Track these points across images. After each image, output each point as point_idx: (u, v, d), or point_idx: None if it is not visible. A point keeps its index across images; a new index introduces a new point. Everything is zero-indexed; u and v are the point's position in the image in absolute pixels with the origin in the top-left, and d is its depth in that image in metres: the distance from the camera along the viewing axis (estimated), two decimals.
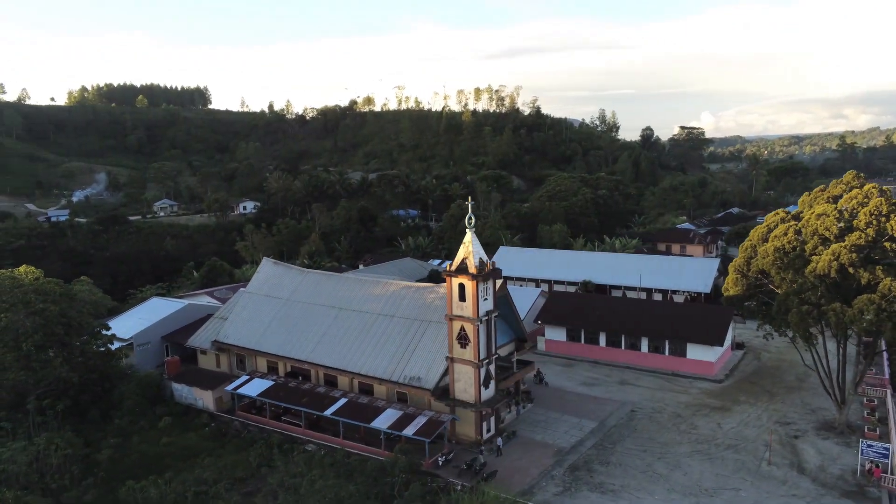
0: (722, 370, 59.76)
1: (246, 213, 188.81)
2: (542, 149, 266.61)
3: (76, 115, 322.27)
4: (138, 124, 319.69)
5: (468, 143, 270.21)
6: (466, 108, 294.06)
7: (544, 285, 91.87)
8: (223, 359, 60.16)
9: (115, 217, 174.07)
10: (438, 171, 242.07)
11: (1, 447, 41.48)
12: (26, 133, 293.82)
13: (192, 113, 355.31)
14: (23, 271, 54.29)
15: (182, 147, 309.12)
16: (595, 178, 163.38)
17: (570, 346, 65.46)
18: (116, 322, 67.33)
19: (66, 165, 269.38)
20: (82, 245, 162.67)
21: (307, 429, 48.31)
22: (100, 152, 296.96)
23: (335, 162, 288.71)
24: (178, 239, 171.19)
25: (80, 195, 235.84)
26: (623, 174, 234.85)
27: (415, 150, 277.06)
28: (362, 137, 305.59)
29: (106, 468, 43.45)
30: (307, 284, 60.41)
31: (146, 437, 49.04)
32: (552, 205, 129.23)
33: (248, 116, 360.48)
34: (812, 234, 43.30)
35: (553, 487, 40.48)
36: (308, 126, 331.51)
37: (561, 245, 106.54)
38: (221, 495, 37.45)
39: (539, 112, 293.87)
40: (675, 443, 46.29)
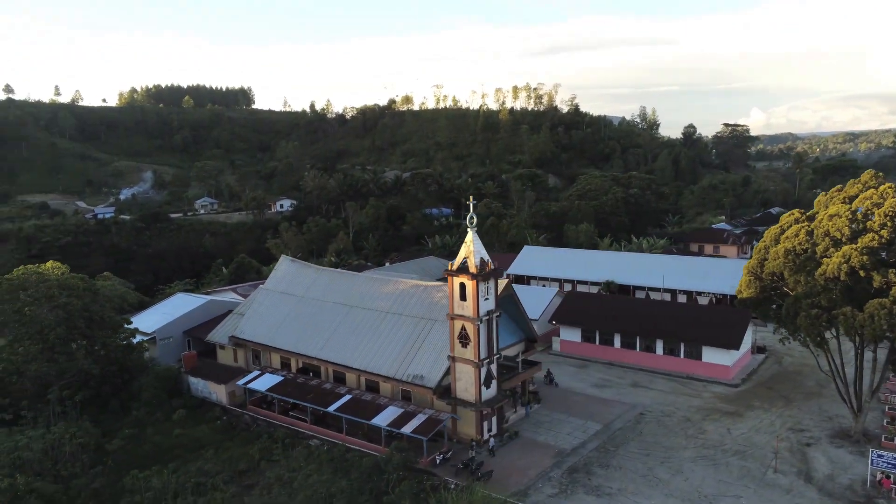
0: (739, 374, 58.33)
1: (283, 211, 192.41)
2: (579, 147, 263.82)
3: (126, 115, 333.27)
4: (184, 124, 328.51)
5: (505, 142, 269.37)
6: (504, 107, 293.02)
7: (568, 285, 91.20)
8: (240, 354, 61.63)
9: (157, 214, 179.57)
10: (474, 169, 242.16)
11: (19, 434, 43.39)
12: (79, 133, 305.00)
13: (236, 113, 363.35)
14: (49, 267, 56.56)
15: (225, 146, 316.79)
16: (627, 177, 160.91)
17: (584, 348, 64.83)
18: (142, 316, 69.85)
19: (115, 164, 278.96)
20: (125, 242, 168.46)
21: (312, 424, 49.16)
22: (147, 152, 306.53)
23: (373, 160, 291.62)
24: (217, 236, 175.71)
25: (127, 193, 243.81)
26: (662, 172, 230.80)
27: (452, 148, 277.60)
28: (400, 136, 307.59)
29: (118, 458, 45.01)
30: (321, 282, 61.35)
31: (160, 428, 50.61)
32: (581, 204, 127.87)
33: (289, 116, 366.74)
34: (823, 236, 41.92)
35: (549, 489, 40.27)
36: (347, 125, 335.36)
37: (587, 245, 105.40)
38: (220, 487, 38.44)
39: (577, 110, 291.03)
40: (681, 447, 45.44)
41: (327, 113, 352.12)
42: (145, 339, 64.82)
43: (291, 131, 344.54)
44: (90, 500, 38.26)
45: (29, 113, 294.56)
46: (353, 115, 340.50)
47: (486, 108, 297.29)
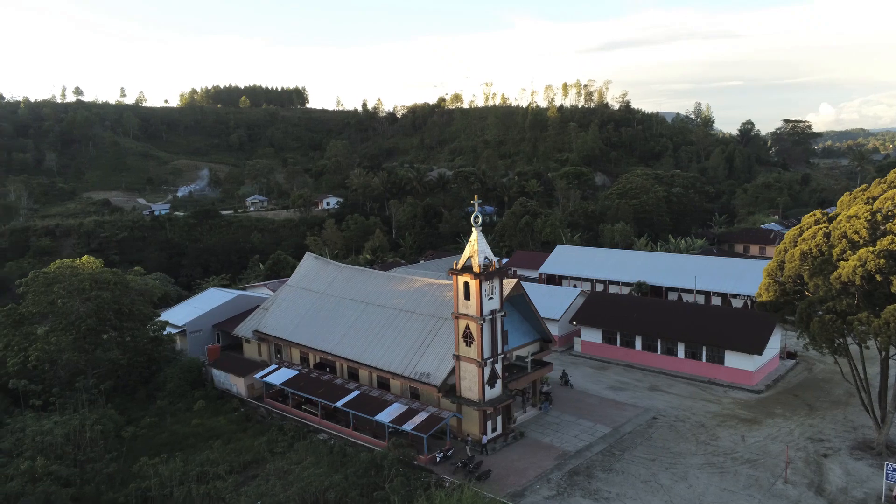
0: (764, 380, 56.36)
1: (329, 208, 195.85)
2: (629, 144, 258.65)
3: (186, 115, 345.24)
4: (240, 123, 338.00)
5: (553, 140, 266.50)
6: (553, 104, 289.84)
7: (600, 285, 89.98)
8: (263, 348, 63.35)
9: (209, 211, 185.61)
10: (521, 167, 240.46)
11: (46, 420, 45.84)
12: (142, 133, 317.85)
13: (290, 112, 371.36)
14: (84, 261, 59.38)
15: (279, 145, 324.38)
16: (670, 176, 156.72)
17: (605, 349, 63.86)
18: (175, 310, 72.65)
19: (174, 163, 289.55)
20: (178, 237, 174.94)
21: (323, 419, 50.15)
22: (205, 150, 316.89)
23: (422, 159, 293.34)
24: (264, 233, 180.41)
25: (184, 191, 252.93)
26: (715, 170, 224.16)
27: (499, 146, 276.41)
28: (449, 134, 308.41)
29: (135, 445, 47.02)
30: (341, 279, 62.43)
31: (180, 417, 52.58)
32: (621, 203, 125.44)
33: (341, 115, 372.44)
34: (840, 238, 40.11)
35: (546, 490, 39.95)
36: (397, 124, 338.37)
37: (623, 244, 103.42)
38: (221, 476, 39.72)
39: (629, 106, 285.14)
40: (689, 453, 44.31)
41: (378, 112, 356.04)
42: (176, 332, 67.62)
43: (343, 130, 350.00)
44: (102, 485, 40.12)
45: (96, 114, 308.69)
46: (403, 113, 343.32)
47: (534, 106, 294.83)
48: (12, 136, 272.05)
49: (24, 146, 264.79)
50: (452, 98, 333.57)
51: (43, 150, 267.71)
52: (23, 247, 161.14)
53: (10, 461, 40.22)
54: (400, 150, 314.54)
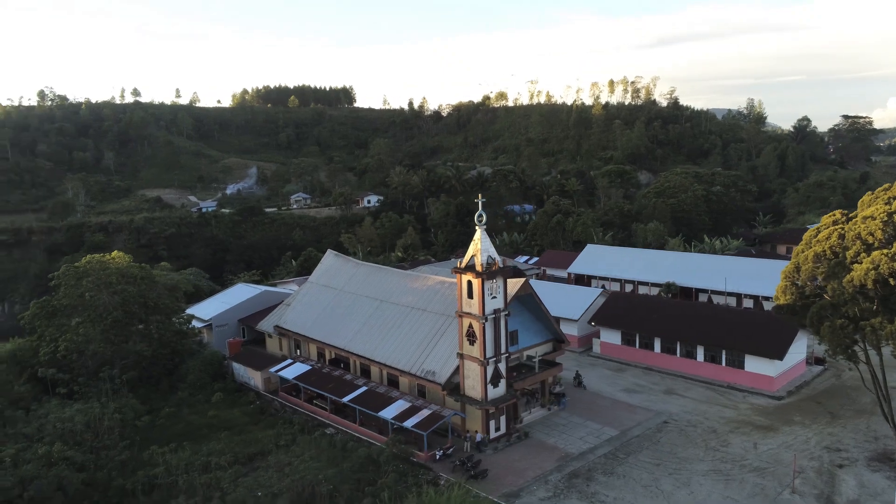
0: (786, 386, 54.45)
1: (369, 206, 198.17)
2: (676, 142, 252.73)
3: (237, 115, 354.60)
4: (289, 123, 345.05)
5: (597, 138, 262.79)
6: (598, 101, 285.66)
7: (629, 286, 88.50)
8: (284, 343, 64.68)
9: (253, 209, 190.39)
10: (564, 166, 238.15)
11: (68, 408, 48.01)
12: (195, 132, 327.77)
13: (337, 111, 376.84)
14: (115, 256, 61.80)
15: (325, 144, 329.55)
16: (710, 174, 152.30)
17: (624, 351, 62.80)
18: (203, 305, 74.89)
19: (225, 161, 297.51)
20: (223, 233, 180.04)
21: (332, 413, 50.95)
22: (255, 149, 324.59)
23: (465, 157, 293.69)
24: (306, 230, 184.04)
25: (233, 189, 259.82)
26: (766, 168, 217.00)
27: (543, 144, 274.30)
28: (492, 133, 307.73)
29: (152, 434, 48.72)
30: (358, 276, 63.19)
31: (198, 409, 54.16)
32: (658, 202, 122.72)
33: (387, 114, 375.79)
34: (854, 239, 38.43)
35: (542, 492, 39.64)
36: (442, 122, 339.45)
37: (655, 244, 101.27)
38: (223, 466, 40.86)
39: (676, 103, 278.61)
40: (696, 459, 43.23)
41: (424, 110, 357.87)
42: (203, 326, 69.74)
43: (388, 128, 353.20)
44: (114, 471, 41.77)
45: (152, 114, 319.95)
46: (448, 112, 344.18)
47: (579, 104, 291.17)
48: (74, 136, 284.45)
49: (84, 145, 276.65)
50: (497, 96, 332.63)
51: (102, 149, 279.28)
52: (78, 242, 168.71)
53: (30, 446, 42.23)
54: (444, 149, 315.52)
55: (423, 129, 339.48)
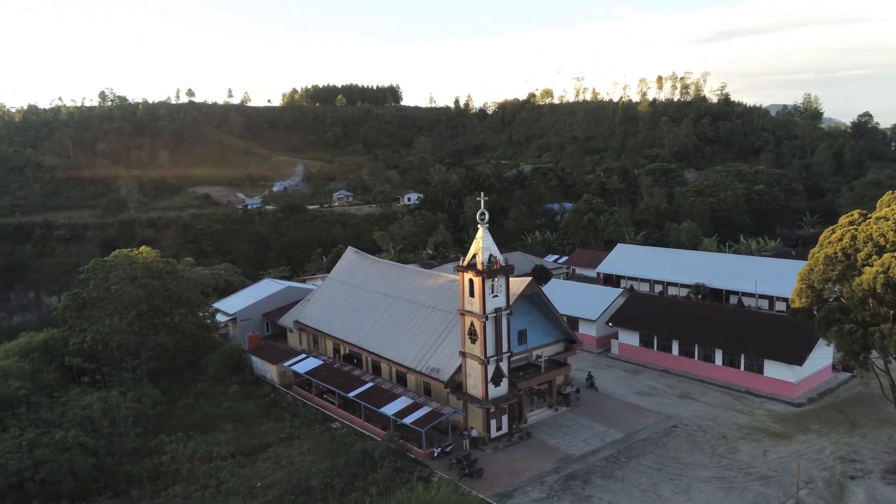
0: (808, 393, 52.42)
1: (409, 204, 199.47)
2: (726, 139, 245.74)
3: (286, 114, 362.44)
4: (336, 121, 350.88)
5: (643, 135, 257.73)
6: (644, 98, 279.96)
7: (658, 286, 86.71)
8: (304, 338, 65.94)
9: (295, 206, 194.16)
10: (609, 164, 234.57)
11: (89, 395, 50.11)
12: (245, 131, 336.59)
13: (384, 110, 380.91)
14: (143, 250, 64.05)
15: (371, 142, 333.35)
16: (753, 172, 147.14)
17: (642, 352, 61.58)
18: (231, 299, 76.97)
19: (273, 159, 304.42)
20: (266, 230, 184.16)
21: (340, 408, 51.67)
22: (302, 147, 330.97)
23: (509, 155, 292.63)
24: (346, 227, 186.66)
25: (279, 186, 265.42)
26: (820, 166, 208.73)
27: (588, 142, 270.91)
28: (537, 130, 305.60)
29: (167, 423, 50.41)
30: (375, 273, 63.81)
31: (215, 400, 55.72)
32: (696, 201, 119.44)
33: (433, 112, 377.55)
34: (866, 241, 36.74)
35: (536, 493, 39.32)
36: (487, 120, 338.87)
37: (689, 244, 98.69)
38: (224, 456, 42.01)
39: (728, 99, 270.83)
40: (700, 465, 42.10)
41: (469, 108, 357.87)
42: (227, 320, 71.70)
43: (434, 126, 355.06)
44: (124, 457, 43.42)
45: (205, 114, 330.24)
46: (493, 109, 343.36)
47: (626, 101, 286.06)
48: (131, 136, 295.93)
49: (140, 144, 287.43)
50: (542, 93, 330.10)
51: (157, 147, 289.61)
52: (130, 237, 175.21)
53: (48, 431, 44.26)
54: (488, 147, 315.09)
55: (468, 128, 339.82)
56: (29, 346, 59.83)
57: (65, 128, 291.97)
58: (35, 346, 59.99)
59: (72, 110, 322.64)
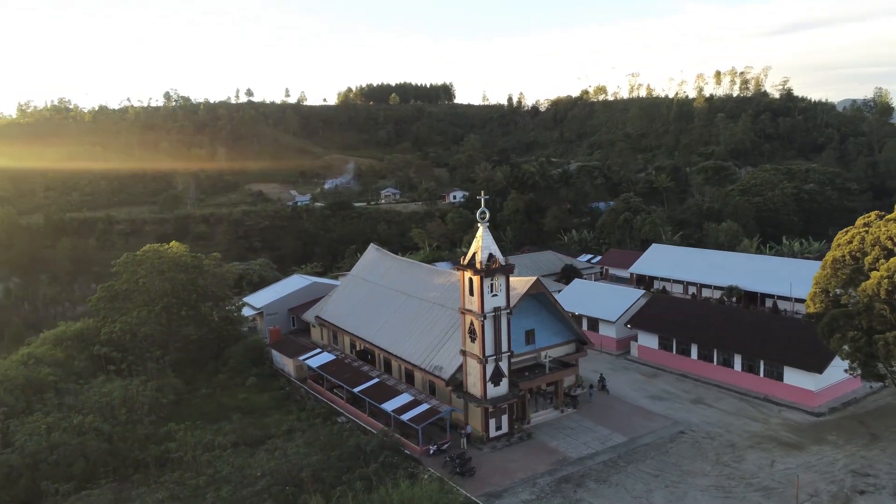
0: (830, 402, 50.05)
1: (455, 202, 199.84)
2: (787, 136, 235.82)
3: (340, 112, 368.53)
4: (388, 119, 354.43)
5: (698, 132, 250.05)
6: (700, 94, 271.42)
7: (692, 288, 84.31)
8: (324, 333, 67.23)
9: (342, 203, 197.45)
10: (661, 161, 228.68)
11: (110, 384, 52.54)
12: (301, 130, 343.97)
13: (436, 108, 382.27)
14: (172, 245, 66.62)
15: (423, 140, 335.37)
16: (804, 171, 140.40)
17: (660, 355, 60.09)
18: (260, 294, 79.07)
19: (326, 158, 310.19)
20: (314, 227, 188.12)
21: (347, 403, 52.47)
22: (355, 145, 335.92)
23: (560, 153, 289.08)
24: (391, 224, 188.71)
25: (331, 184, 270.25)
26: (888, 164, 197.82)
27: (641, 139, 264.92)
28: (589, 128, 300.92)
29: (183, 411, 52.35)
30: (393, 271, 64.44)
31: (232, 392, 57.43)
32: (741, 200, 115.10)
33: (485, 110, 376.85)
34: (873, 244, 34.87)
35: (526, 494, 39.03)
36: (539, 117, 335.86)
37: (728, 245, 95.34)
38: (224, 446, 43.37)
39: (790, 94, 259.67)
40: (700, 473, 40.87)
41: (521, 106, 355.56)
42: (255, 314, 73.77)
43: (485, 124, 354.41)
44: (135, 443, 45.35)
45: (262, 113, 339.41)
46: (545, 107, 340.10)
47: (682, 97, 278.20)
48: (192, 134, 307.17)
49: (200, 142, 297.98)
50: (596, 90, 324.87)
51: (216, 145, 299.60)
52: (184, 232, 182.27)
53: (68, 416, 46.68)
54: (539, 144, 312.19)
55: (520, 125, 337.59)
56: (64, 335, 63.15)
57: (131, 127, 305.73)
58: (70, 335, 63.24)
59: (138, 110, 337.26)
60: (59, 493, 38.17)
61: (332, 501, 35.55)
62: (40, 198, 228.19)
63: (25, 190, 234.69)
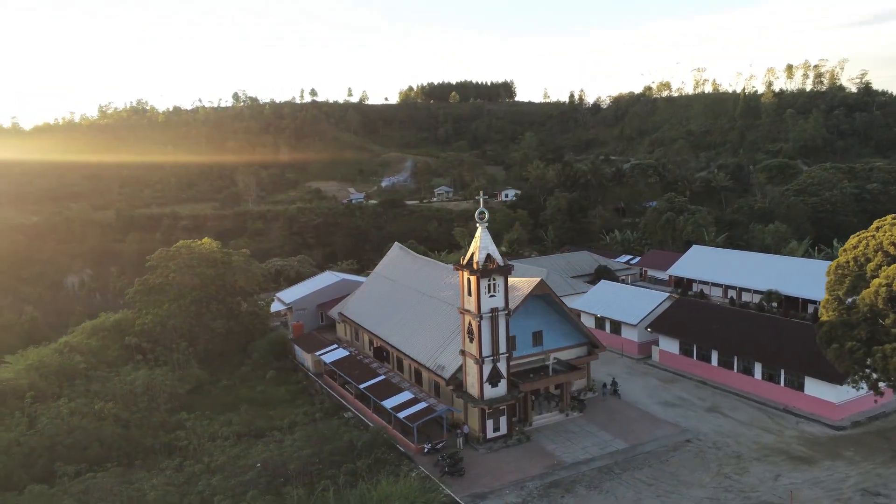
0: (855, 416, 47.26)
1: (507, 200, 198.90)
2: (863, 132, 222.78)
3: (401, 111, 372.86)
4: (448, 118, 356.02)
5: (766, 129, 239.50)
6: (769, 89, 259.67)
7: (731, 291, 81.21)
8: (347, 329, 68.46)
9: (394, 201, 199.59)
10: (725, 159, 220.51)
11: (135, 372, 55.26)
12: (362, 128, 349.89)
13: (496, 106, 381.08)
14: (205, 242, 69.30)
15: (482, 138, 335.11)
16: (867, 170, 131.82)
17: (681, 361, 58.20)
18: (292, 289, 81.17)
19: (385, 155, 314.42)
20: (365, 224, 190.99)
21: (356, 398, 53.30)
22: (415, 143, 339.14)
23: (620, 150, 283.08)
24: (441, 222, 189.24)
25: (387, 181, 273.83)
26: None
27: (705, 136, 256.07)
28: (651, 124, 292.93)
29: (201, 401, 54.46)
30: (413, 269, 64.94)
31: (252, 384, 59.29)
32: (794, 201, 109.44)
33: (545, 107, 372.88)
34: (876, 250, 32.78)
35: (512, 497, 38.69)
36: (600, 114, 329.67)
37: (774, 247, 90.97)
38: (227, 436, 44.90)
39: (868, 88, 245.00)
40: (698, 484, 39.44)
41: (582, 103, 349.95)
42: (284, 308, 75.83)
43: (545, 122, 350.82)
44: (148, 430, 47.54)
45: (324, 112, 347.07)
46: (607, 104, 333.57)
47: (749, 91, 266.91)
48: (257, 133, 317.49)
49: (264, 141, 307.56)
50: (659, 86, 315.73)
51: (279, 144, 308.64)
52: (242, 228, 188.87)
53: (91, 402, 49.40)
54: (599, 142, 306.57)
55: (580, 122, 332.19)
56: (102, 325, 66.72)
57: (200, 127, 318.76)
58: (107, 326, 66.77)
59: (208, 110, 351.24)
60: (67, 475, 40.40)
61: (314, 494, 36.32)
62: (115, 194, 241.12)
63: (102, 187, 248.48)
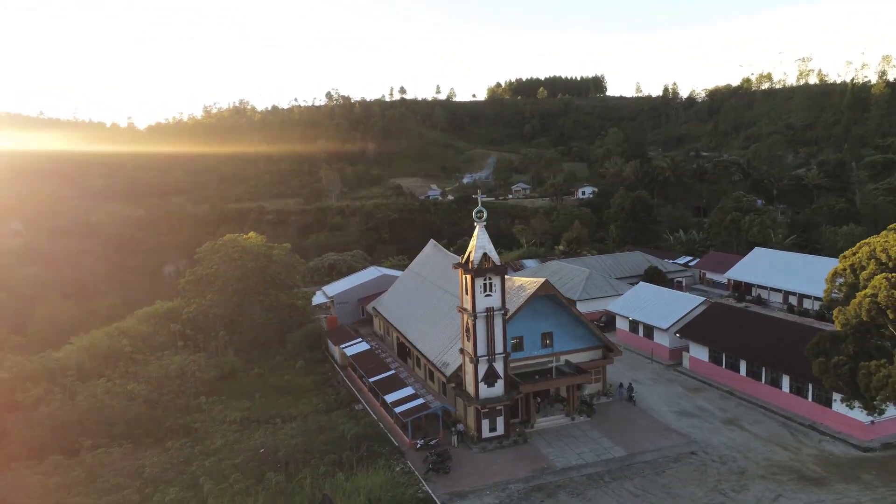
0: (889, 437, 43.26)
1: (583, 197, 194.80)
2: None
3: (488, 108, 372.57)
4: (535, 114, 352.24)
5: (876, 122, 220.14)
6: (882, 79, 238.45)
7: (793, 298, 76.14)
8: (381, 324, 69.93)
9: (468, 198, 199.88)
10: (827, 155, 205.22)
11: (171, 358, 59.05)
12: (448, 125, 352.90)
13: (585, 101, 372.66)
14: (251, 236, 72.79)
15: (568, 134, 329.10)
16: None
17: (710, 369, 55.34)
18: (335, 284, 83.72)
19: (469, 152, 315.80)
20: (439, 220, 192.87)
21: (369, 391, 54.46)
22: (500, 140, 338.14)
23: (713, 146, 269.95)
24: (514, 219, 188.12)
25: (469, 178, 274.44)
26: None
27: (807, 131, 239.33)
28: (748, 119, 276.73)
29: (228, 387, 57.46)
30: (441, 267, 65.30)
31: (281, 373, 61.86)
32: (884, 200, 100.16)
33: (636, 102, 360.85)
34: (869, 258, 30.02)
35: (491, 498, 38.42)
36: (693, 109, 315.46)
37: None
38: (235, 420, 47.22)
39: None
40: (689, 499, 37.55)
41: (675, 96, 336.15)
42: (327, 301, 78.38)
43: (636, 117, 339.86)
44: (172, 412, 50.76)
45: (411, 109, 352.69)
46: (702, 97, 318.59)
47: (860, 82, 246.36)
48: (347, 131, 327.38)
49: (353, 138, 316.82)
50: (759, 78, 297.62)
51: (367, 141, 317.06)
52: (322, 223, 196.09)
53: (125, 383, 53.37)
54: (691, 137, 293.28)
55: (672, 117, 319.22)
56: (155, 312, 71.61)
57: (294, 125, 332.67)
58: (160, 312, 71.60)
59: (303, 109, 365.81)
60: (86, 449, 43.91)
61: (293, 481, 37.67)
62: (212, 189, 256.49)
63: (202, 182, 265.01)
